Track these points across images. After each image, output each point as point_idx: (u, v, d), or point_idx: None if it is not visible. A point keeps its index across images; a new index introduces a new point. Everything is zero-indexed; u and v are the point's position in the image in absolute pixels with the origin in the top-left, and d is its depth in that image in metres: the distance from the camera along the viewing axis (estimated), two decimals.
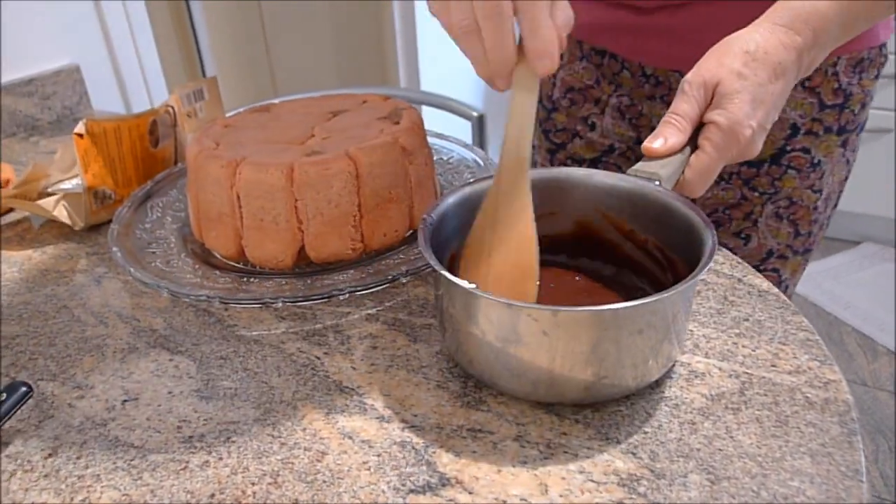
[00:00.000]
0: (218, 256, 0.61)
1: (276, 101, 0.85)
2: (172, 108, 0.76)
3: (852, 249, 2.17)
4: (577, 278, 0.53)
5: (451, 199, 0.50)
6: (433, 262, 0.43)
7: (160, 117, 0.74)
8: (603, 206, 0.52)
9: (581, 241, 0.54)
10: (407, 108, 0.66)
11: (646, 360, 0.44)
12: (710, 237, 0.44)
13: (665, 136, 0.49)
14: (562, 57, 0.78)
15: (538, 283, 0.46)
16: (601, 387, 0.43)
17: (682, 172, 0.49)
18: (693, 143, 0.50)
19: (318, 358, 0.51)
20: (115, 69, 1.20)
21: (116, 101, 1.22)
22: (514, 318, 0.41)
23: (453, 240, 0.50)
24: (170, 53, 1.97)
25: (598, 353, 0.42)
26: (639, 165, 0.50)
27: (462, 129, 1.33)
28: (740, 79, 0.48)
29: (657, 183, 0.48)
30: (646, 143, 0.49)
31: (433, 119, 0.89)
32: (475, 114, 1.24)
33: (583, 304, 0.43)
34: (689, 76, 0.50)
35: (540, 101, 0.83)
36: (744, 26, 0.52)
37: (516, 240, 0.46)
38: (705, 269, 0.42)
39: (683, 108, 0.49)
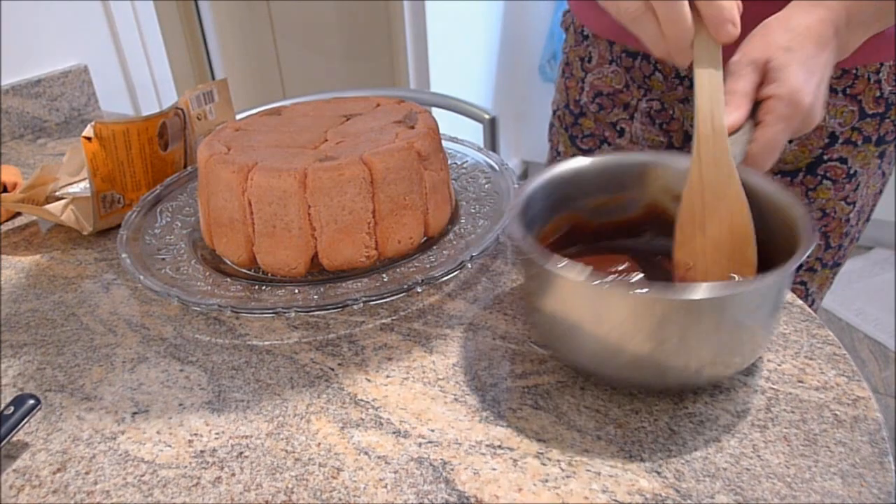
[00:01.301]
0: (229, 263, 0.60)
1: (286, 102, 0.83)
2: (182, 110, 0.75)
3: (864, 255, 2.15)
4: (659, 258, 0.52)
5: (536, 183, 0.50)
6: (542, 254, 0.42)
7: (170, 120, 0.73)
8: (677, 189, 0.50)
9: (649, 224, 0.53)
10: (422, 111, 0.65)
11: (753, 344, 0.44)
12: (801, 212, 0.44)
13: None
14: (590, 60, 0.77)
15: (755, 248, 0.47)
16: (709, 371, 0.43)
17: (747, 149, 0.48)
18: (753, 120, 0.49)
19: (332, 369, 0.50)
20: (124, 70, 1.19)
21: (125, 103, 1.21)
22: (634, 305, 0.40)
23: (537, 223, 0.50)
24: (179, 54, 1.97)
25: (721, 336, 0.42)
26: None
27: (473, 132, 1.32)
28: (789, 52, 0.49)
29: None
30: None
31: (443, 121, 0.88)
32: (487, 116, 1.22)
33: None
34: (735, 58, 0.50)
35: (567, 106, 0.83)
36: None
37: (728, 207, 0.47)
38: (810, 248, 0.42)
39: (738, 85, 0.48)
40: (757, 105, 0.49)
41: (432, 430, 0.44)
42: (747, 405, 0.45)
